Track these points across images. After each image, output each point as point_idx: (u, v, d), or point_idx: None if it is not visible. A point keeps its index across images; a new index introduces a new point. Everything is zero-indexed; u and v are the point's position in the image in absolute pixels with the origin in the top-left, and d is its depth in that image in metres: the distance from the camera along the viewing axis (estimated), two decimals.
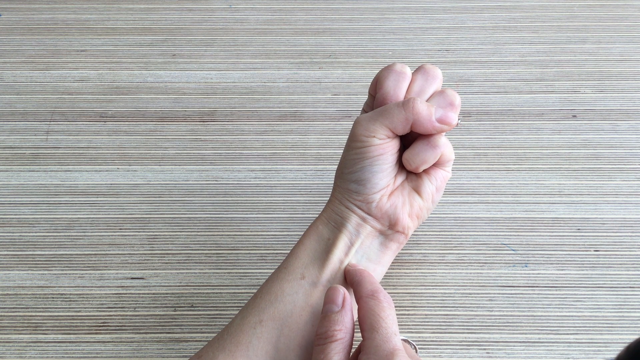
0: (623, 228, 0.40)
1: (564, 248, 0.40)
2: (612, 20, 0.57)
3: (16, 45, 0.56)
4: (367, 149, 0.32)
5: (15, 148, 0.47)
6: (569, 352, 0.35)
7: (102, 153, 0.46)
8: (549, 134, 0.47)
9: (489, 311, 0.37)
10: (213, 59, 0.54)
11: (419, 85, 0.34)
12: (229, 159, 0.46)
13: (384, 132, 0.32)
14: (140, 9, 0.60)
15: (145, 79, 0.52)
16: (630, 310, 0.36)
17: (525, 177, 0.44)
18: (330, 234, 0.33)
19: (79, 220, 0.42)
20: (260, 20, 0.58)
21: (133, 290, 0.38)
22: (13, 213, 0.43)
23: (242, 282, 0.39)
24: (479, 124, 0.48)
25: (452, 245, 0.40)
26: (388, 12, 0.59)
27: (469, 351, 0.35)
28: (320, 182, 0.44)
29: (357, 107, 0.49)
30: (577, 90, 0.50)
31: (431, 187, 0.34)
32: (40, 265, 0.40)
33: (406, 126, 0.32)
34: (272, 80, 0.52)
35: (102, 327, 0.36)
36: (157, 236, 0.41)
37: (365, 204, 0.33)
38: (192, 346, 0.36)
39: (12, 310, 0.37)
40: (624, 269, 0.38)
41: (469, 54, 0.54)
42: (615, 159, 0.45)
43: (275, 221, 0.42)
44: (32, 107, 0.50)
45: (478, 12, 0.58)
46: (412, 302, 0.37)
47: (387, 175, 0.33)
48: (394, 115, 0.31)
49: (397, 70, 0.33)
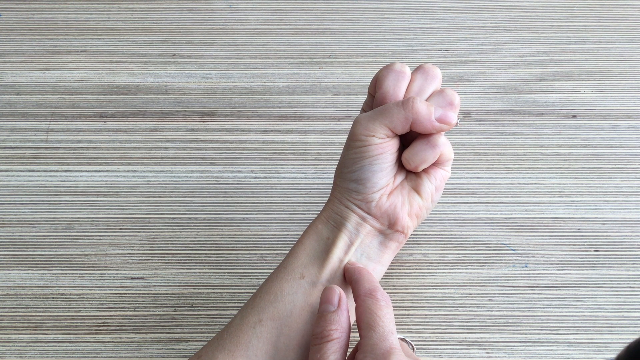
0: (623, 228, 0.40)
1: (564, 248, 0.40)
2: (612, 20, 0.57)
3: (16, 45, 0.56)
4: (367, 148, 0.32)
5: (15, 148, 0.47)
6: (569, 352, 0.35)
7: (102, 153, 0.46)
8: (549, 134, 0.47)
9: (489, 311, 0.37)
10: (213, 59, 0.54)
11: (419, 85, 0.34)
12: (229, 159, 0.46)
13: (383, 131, 0.32)
14: (140, 9, 0.60)
15: (145, 79, 0.52)
16: (630, 310, 0.36)
17: (525, 177, 0.44)
18: (330, 233, 0.33)
19: (79, 220, 0.42)
20: (260, 20, 0.58)
21: (133, 290, 0.38)
22: (13, 213, 0.43)
23: (242, 282, 0.39)
24: (479, 124, 0.48)
25: (452, 245, 0.40)
26: (388, 12, 0.59)
27: (469, 351, 0.35)
28: (320, 182, 0.44)
29: (357, 107, 0.49)
30: (577, 90, 0.50)
31: (430, 187, 0.34)
32: (40, 265, 0.40)
33: (406, 125, 0.32)
34: (272, 80, 0.52)
35: (102, 327, 0.36)
36: (157, 236, 0.41)
37: (365, 203, 0.33)
38: (192, 346, 0.36)
39: (12, 310, 0.37)
40: (624, 269, 0.38)
41: (469, 54, 0.54)
42: (615, 159, 0.45)
43: (275, 221, 0.42)
44: (32, 107, 0.50)
45: (478, 12, 0.58)
46: (412, 302, 0.37)
47: (387, 174, 0.33)
48: (393, 114, 0.31)
49: (397, 70, 0.33)
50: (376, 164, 0.32)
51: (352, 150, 0.32)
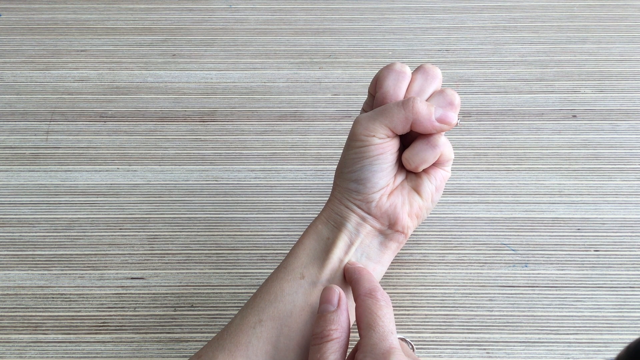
0: (623, 228, 0.40)
1: (564, 248, 0.40)
2: (612, 20, 0.57)
3: (16, 45, 0.56)
4: (367, 148, 0.32)
5: (15, 148, 0.47)
6: (569, 352, 0.35)
7: (102, 153, 0.46)
8: (549, 134, 0.47)
9: (489, 311, 0.37)
10: (213, 59, 0.54)
11: (419, 85, 0.34)
12: (229, 159, 0.46)
13: (383, 131, 0.32)
14: (140, 9, 0.60)
15: (145, 79, 0.52)
16: (630, 310, 0.36)
17: (525, 177, 0.44)
18: (330, 233, 0.33)
19: (79, 220, 0.42)
20: (260, 20, 0.58)
21: (133, 290, 0.38)
22: (13, 213, 0.43)
23: (242, 282, 0.39)
24: (479, 124, 0.48)
25: (452, 245, 0.40)
26: (388, 12, 0.59)
27: (469, 351, 0.35)
28: (320, 182, 0.44)
29: (357, 107, 0.49)
30: (577, 90, 0.50)
31: (431, 187, 0.34)
32: (40, 265, 0.40)
33: (406, 125, 0.32)
34: (272, 80, 0.52)
35: (102, 327, 0.36)
36: (157, 236, 0.41)
37: (365, 203, 0.33)
38: (192, 346, 0.36)
39: (12, 310, 0.37)
40: (624, 269, 0.38)
41: (469, 54, 0.54)
42: (615, 159, 0.45)
43: (275, 221, 0.42)
44: (32, 107, 0.50)
45: (478, 12, 0.58)
46: (412, 302, 0.37)
47: (387, 174, 0.33)
48: (393, 114, 0.31)
49: (397, 70, 0.33)
50: (376, 164, 0.32)
51: (352, 150, 0.32)
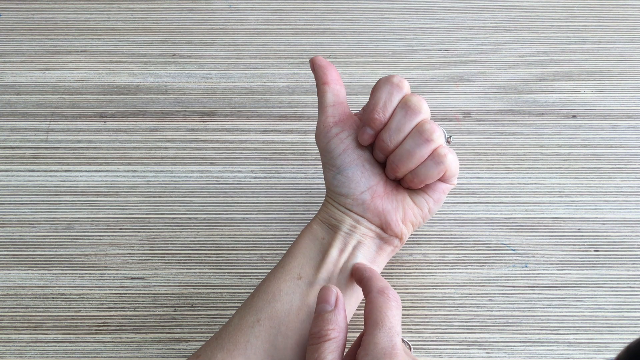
0: (623, 228, 0.40)
1: (564, 248, 0.40)
2: (612, 20, 0.57)
3: (16, 45, 0.56)
4: (330, 144, 0.33)
5: (15, 148, 0.47)
6: (569, 352, 0.35)
7: (102, 153, 0.46)
8: (549, 134, 0.47)
9: (489, 311, 0.37)
10: (213, 59, 0.54)
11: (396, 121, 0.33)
12: (229, 159, 0.46)
13: (331, 114, 0.34)
14: (140, 9, 0.60)
15: (145, 79, 0.52)
16: (630, 310, 0.36)
17: (525, 177, 0.44)
18: (325, 234, 0.34)
19: (79, 220, 0.42)
20: (260, 20, 0.58)
21: (133, 290, 0.38)
22: (13, 213, 0.43)
23: (242, 282, 0.39)
24: (479, 124, 0.48)
25: (452, 245, 0.40)
26: (388, 12, 0.59)
27: (469, 351, 0.35)
28: (320, 182, 0.44)
29: (357, 107, 0.49)
30: (577, 90, 0.50)
31: (428, 199, 0.34)
32: (40, 265, 0.40)
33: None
34: (272, 80, 0.52)
35: (102, 327, 0.36)
36: (157, 236, 0.41)
37: (356, 205, 0.33)
38: (192, 346, 0.36)
39: (12, 310, 0.37)
40: (624, 269, 0.38)
41: (469, 54, 0.54)
42: (615, 159, 0.45)
43: (275, 221, 0.42)
44: (32, 107, 0.50)
45: (478, 12, 0.58)
46: (412, 302, 0.37)
47: (365, 172, 0.33)
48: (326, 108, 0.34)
49: (394, 83, 0.33)
50: (347, 161, 0.33)
51: (325, 155, 0.34)
